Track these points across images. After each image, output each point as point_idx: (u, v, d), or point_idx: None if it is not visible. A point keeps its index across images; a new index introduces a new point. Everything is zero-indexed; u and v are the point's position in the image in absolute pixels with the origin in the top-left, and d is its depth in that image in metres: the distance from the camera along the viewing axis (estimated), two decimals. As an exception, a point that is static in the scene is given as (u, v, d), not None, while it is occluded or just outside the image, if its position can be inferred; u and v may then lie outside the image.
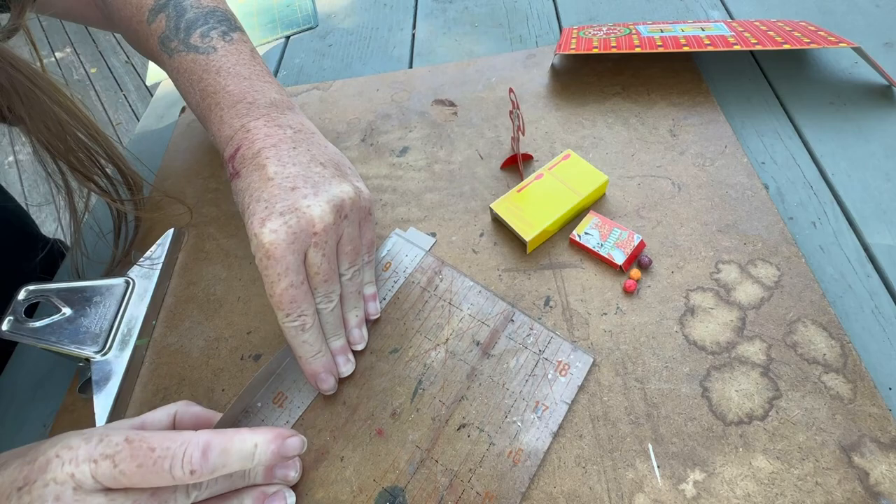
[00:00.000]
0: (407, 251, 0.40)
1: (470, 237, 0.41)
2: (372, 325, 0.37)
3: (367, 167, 0.47)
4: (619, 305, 0.35)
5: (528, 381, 0.33)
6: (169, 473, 0.24)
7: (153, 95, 0.65)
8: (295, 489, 0.31)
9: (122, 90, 2.36)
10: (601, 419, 0.31)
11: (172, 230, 0.43)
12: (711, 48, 0.44)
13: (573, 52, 0.48)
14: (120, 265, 0.43)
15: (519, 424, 0.31)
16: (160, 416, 0.30)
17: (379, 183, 0.46)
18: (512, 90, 0.40)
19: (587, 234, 0.38)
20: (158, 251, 0.42)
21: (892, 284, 0.34)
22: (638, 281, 0.36)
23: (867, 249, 0.36)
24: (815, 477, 0.28)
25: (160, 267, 0.41)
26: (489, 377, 0.33)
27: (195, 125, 0.56)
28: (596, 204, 0.40)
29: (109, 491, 0.24)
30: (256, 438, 0.27)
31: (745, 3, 0.55)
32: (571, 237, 0.38)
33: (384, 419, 0.33)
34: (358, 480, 0.31)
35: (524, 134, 0.41)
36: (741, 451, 0.29)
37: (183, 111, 0.58)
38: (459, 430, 0.32)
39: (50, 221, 1.67)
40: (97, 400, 0.35)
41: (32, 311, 0.38)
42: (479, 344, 0.35)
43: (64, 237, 0.44)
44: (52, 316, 0.36)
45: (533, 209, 0.38)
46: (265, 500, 0.29)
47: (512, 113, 0.40)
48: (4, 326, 0.35)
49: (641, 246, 0.37)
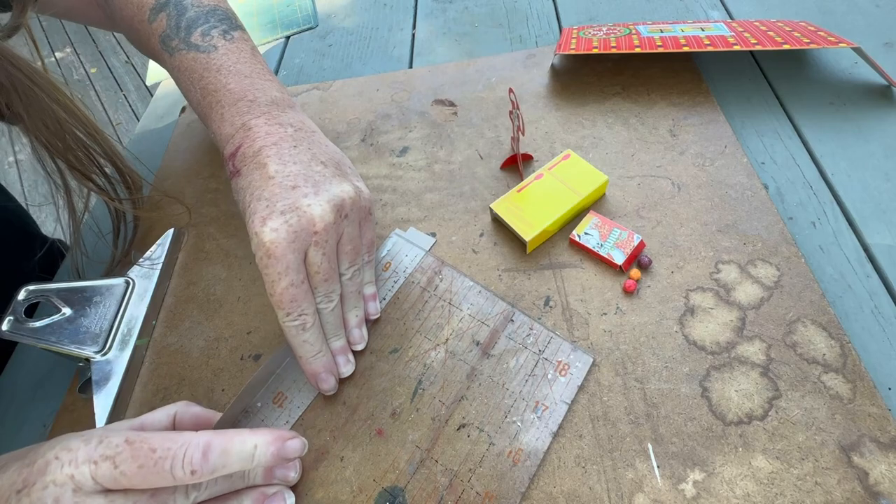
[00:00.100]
0: (407, 251, 0.40)
1: (470, 237, 0.41)
2: (372, 325, 0.37)
3: (367, 167, 0.47)
4: (618, 305, 0.35)
5: (527, 381, 0.33)
6: (170, 474, 0.24)
7: (153, 95, 0.65)
8: (295, 489, 0.31)
9: (122, 90, 2.36)
10: (601, 419, 0.31)
11: (172, 230, 0.43)
12: (711, 48, 0.44)
13: (573, 52, 0.48)
14: (120, 265, 0.43)
15: (519, 424, 0.31)
16: (160, 416, 0.30)
17: (379, 183, 0.46)
18: (512, 90, 0.40)
19: (587, 234, 0.38)
20: (158, 251, 0.42)
21: (891, 284, 0.34)
22: (638, 281, 0.36)
23: (867, 249, 0.36)
24: (814, 477, 0.28)
25: (160, 267, 0.41)
26: (489, 377, 0.33)
27: (195, 125, 0.56)
28: (596, 204, 0.41)
29: (109, 492, 0.24)
30: (256, 439, 0.27)
31: (745, 3, 0.55)
32: (571, 237, 0.38)
33: (384, 419, 0.33)
34: (358, 480, 0.31)
35: (524, 134, 0.41)
36: (741, 450, 0.29)
37: (183, 111, 0.58)
38: (459, 430, 0.32)
39: (50, 221, 1.66)
40: (97, 400, 0.35)
41: (32, 311, 0.38)
42: (479, 344, 0.35)
43: (64, 237, 0.44)
44: (52, 316, 0.36)
45: (533, 209, 0.38)
46: (265, 500, 0.29)
47: (512, 113, 0.40)
48: (4, 326, 0.35)
49: (641, 246, 0.37)
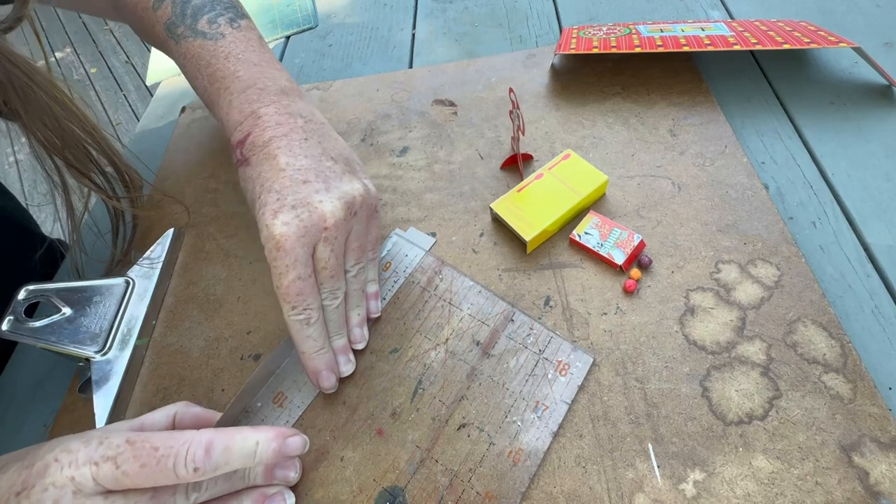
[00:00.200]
0: (407, 251, 0.40)
1: (470, 237, 0.41)
2: (372, 324, 0.37)
3: (367, 167, 0.47)
4: (619, 305, 0.35)
5: (528, 380, 0.33)
6: (173, 472, 0.24)
7: (153, 95, 0.65)
8: (295, 489, 0.31)
9: (122, 90, 2.36)
10: (601, 419, 0.31)
11: (172, 230, 0.43)
12: (711, 48, 0.44)
13: (573, 52, 0.48)
14: (120, 265, 0.43)
15: (519, 424, 0.31)
16: (159, 417, 0.30)
17: (379, 183, 0.46)
18: (512, 90, 0.40)
19: (587, 233, 0.38)
20: (158, 251, 0.42)
21: (892, 284, 0.34)
22: (638, 281, 0.36)
23: (867, 249, 0.36)
24: (815, 477, 0.28)
25: (160, 267, 0.41)
26: (489, 377, 0.33)
27: (195, 125, 0.56)
28: (596, 204, 0.40)
29: (109, 494, 0.24)
30: (258, 436, 0.27)
31: (745, 3, 0.55)
32: (571, 237, 0.38)
33: (384, 419, 0.33)
34: (358, 480, 0.31)
35: (524, 134, 0.41)
36: (741, 450, 0.29)
37: (183, 111, 0.58)
38: (459, 429, 0.32)
39: (50, 222, 1.66)
40: (97, 400, 0.35)
41: (32, 310, 0.38)
42: (479, 344, 0.35)
43: (63, 236, 0.44)
44: (52, 316, 0.36)
45: (533, 209, 0.38)
46: (265, 501, 0.29)
47: (512, 113, 0.40)
48: (4, 326, 0.35)
49: (641, 246, 0.37)
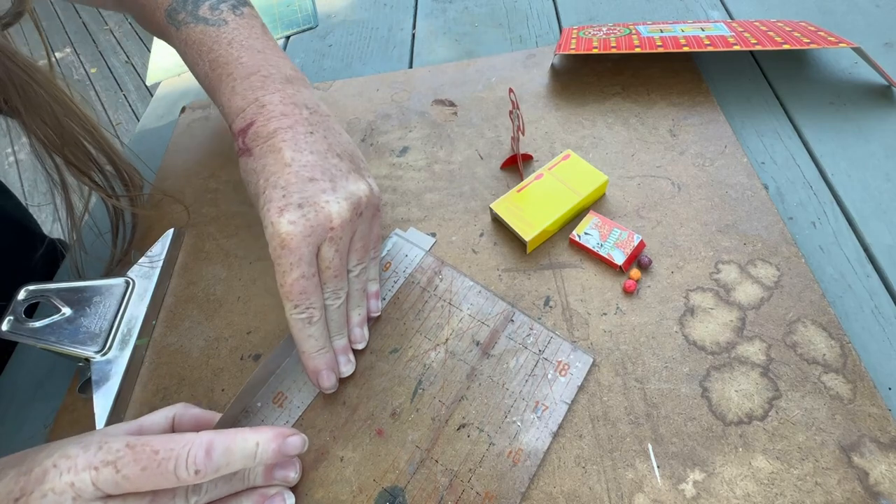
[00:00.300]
0: (407, 251, 0.40)
1: (470, 237, 0.41)
2: (372, 324, 0.37)
3: (367, 167, 0.47)
4: (618, 305, 0.35)
5: (527, 381, 0.33)
6: (174, 474, 0.24)
7: (153, 95, 0.65)
8: (295, 489, 0.31)
9: (122, 90, 2.36)
10: (601, 419, 0.31)
11: (172, 230, 0.43)
12: (711, 48, 0.44)
13: (573, 52, 0.48)
14: (120, 265, 0.43)
15: (519, 424, 0.31)
16: (158, 419, 0.30)
17: (379, 183, 0.45)
18: (512, 90, 0.40)
19: (587, 234, 0.38)
20: (158, 251, 0.42)
21: (891, 284, 0.34)
22: (638, 281, 0.36)
23: (867, 249, 0.36)
24: (814, 477, 0.28)
25: (160, 267, 0.41)
26: (489, 377, 0.33)
27: (195, 125, 0.56)
28: (596, 204, 0.40)
29: (109, 499, 0.24)
30: (258, 437, 0.27)
31: (745, 3, 0.55)
32: (571, 237, 0.38)
33: (384, 419, 0.33)
34: (358, 480, 0.31)
35: (524, 134, 0.41)
36: (741, 451, 0.29)
37: (183, 111, 0.58)
38: (459, 430, 0.32)
39: (50, 223, 1.67)
40: (97, 400, 0.35)
41: (32, 311, 0.38)
42: (478, 344, 0.35)
43: (63, 235, 0.44)
44: (51, 316, 0.36)
45: (533, 209, 0.38)
46: (264, 502, 0.29)
47: (512, 113, 0.40)
48: (4, 326, 0.35)
49: (641, 246, 0.37)
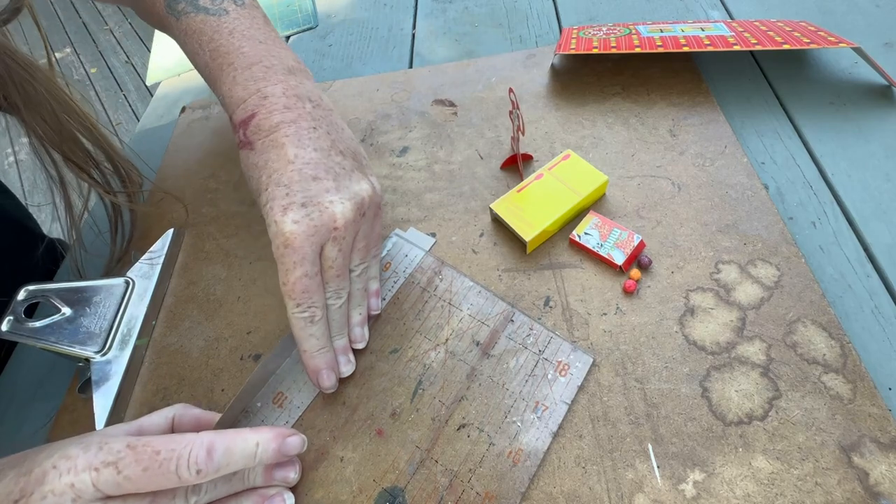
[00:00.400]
0: (407, 251, 0.40)
1: (470, 237, 0.40)
2: (372, 324, 0.37)
3: (366, 167, 0.47)
4: (618, 305, 0.35)
5: (527, 381, 0.33)
6: (175, 475, 0.24)
7: (153, 95, 0.65)
8: (295, 489, 0.31)
9: (122, 90, 2.36)
10: (601, 419, 0.31)
11: (172, 230, 0.43)
12: (711, 48, 0.44)
13: (573, 52, 0.48)
14: (120, 264, 0.43)
15: (519, 424, 0.31)
16: (157, 419, 0.30)
17: (379, 182, 0.45)
18: (512, 90, 0.40)
19: (587, 234, 0.38)
20: (158, 251, 0.42)
21: (892, 284, 0.34)
22: (638, 281, 0.36)
23: (867, 249, 0.36)
24: (814, 477, 0.28)
25: (160, 267, 0.41)
26: (489, 377, 0.33)
27: (195, 125, 0.56)
28: (596, 204, 0.40)
29: (109, 499, 0.24)
30: (258, 437, 0.27)
31: (745, 3, 0.55)
32: (571, 237, 0.38)
33: (384, 419, 0.33)
34: (358, 480, 0.31)
35: (524, 134, 0.41)
36: (741, 451, 0.29)
37: (183, 111, 0.58)
38: (459, 430, 0.32)
39: (50, 222, 1.67)
40: (97, 400, 0.35)
41: (32, 311, 0.38)
42: (478, 344, 0.35)
43: (63, 233, 0.44)
44: (51, 316, 0.36)
45: (533, 209, 0.38)
46: (264, 502, 0.29)
47: (512, 113, 0.40)
48: (4, 326, 0.35)
49: (641, 246, 0.37)
